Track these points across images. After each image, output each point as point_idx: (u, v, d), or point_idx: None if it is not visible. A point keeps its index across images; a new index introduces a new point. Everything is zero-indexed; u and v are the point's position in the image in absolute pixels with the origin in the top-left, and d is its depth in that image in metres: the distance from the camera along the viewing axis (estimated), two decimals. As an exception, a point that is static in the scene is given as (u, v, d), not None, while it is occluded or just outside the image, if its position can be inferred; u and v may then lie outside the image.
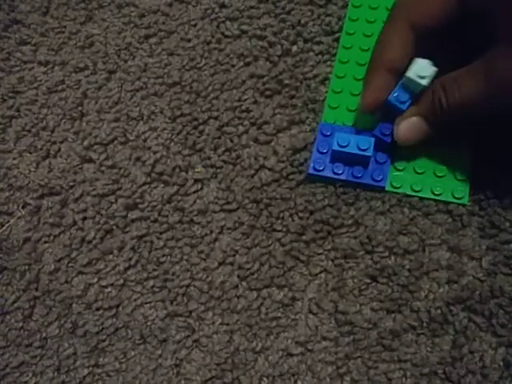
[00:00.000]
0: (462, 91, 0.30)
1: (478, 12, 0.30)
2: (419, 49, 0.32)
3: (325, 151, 0.34)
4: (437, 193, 0.32)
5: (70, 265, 0.35)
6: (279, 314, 0.32)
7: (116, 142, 0.38)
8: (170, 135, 0.37)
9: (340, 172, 0.33)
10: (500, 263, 0.31)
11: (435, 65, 0.31)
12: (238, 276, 0.33)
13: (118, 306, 0.33)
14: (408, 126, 0.32)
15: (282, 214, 0.34)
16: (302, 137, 0.36)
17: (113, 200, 0.36)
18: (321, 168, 0.34)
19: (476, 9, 0.30)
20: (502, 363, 0.29)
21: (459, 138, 0.33)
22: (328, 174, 0.34)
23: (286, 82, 0.37)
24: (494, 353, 0.29)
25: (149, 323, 0.33)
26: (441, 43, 0.32)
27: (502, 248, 0.31)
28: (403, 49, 0.32)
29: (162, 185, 0.36)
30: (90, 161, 0.37)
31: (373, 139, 0.32)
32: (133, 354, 0.32)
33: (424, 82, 0.31)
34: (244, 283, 0.33)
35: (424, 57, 0.31)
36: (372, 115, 0.33)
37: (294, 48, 0.38)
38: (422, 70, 0.31)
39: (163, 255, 0.34)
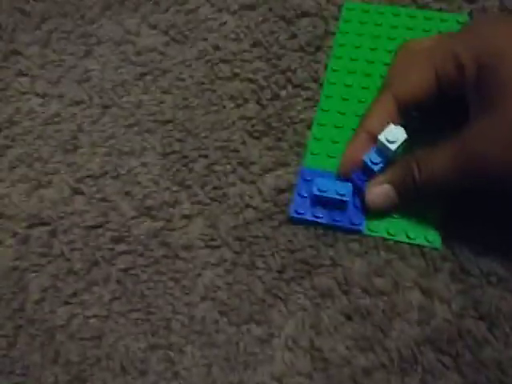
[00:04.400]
0: (435, 166, 0.32)
1: (454, 94, 0.33)
2: (403, 118, 0.35)
3: (305, 195, 0.36)
4: (411, 236, 0.34)
5: (55, 295, 0.36)
6: (257, 349, 0.33)
7: (107, 175, 0.39)
8: (160, 171, 0.39)
9: (320, 216, 0.35)
10: (469, 307, 0.32)
11: (414, 134, 0.33)
12: (219, 311, 0.34)
13: (100, 337, 0.34)
14: (378, 193, 0.34)
15: (264, 253, 0.35)
16: (287, 178, 0.37)
17: (101, 232, 0.37)
18: (302, 211, 0.35)
19: (452, 91, 0.33)
20: (467, 404, 0.30)
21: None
22: (309, 217, 0.35)
23: (274, 124, 0.39)
24: (461, 393, 0.31)
25: (130, 354, 0.34)
26: (424, 116, 0.36)
27: (471, 292, 0.33)
28: (384, 117, 0.34)
29: (149, 219, 0.37)
30: (81, 193, 0.39)
31: (350, 185, 0.34)
32: (121, 384, 0.33)
33: (392, 147, 0.33)
34: (224, 318, 0.34)
35: (407, 127, 0.34)
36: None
37: (283, 92, 0.40)
38: (392, 135, 0.33)
39: (147, 288, 0.35)
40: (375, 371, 0.32)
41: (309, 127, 0.39)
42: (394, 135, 0.33)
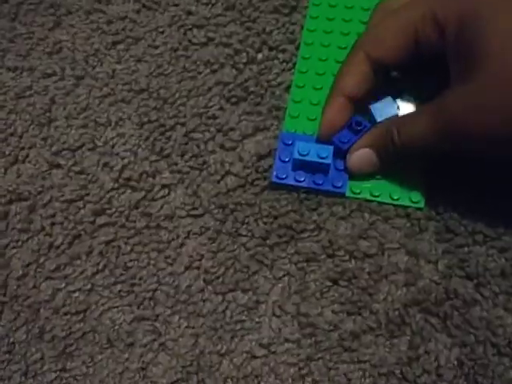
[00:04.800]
0: (414, 130, 0.31)
1: (434, 55, 0.32)
2: (379, 78, 0.34)
3: (286, 160, 0.35)
4: (395, 197, 0.34)
5: (38, 270, 0.35)
6: (243, 317, 0.33)
7: (84, 147, 0.38)
8: (137, 141, 0.38)
9: (302, 179, 0.34)
10: (455, 266, 0.32)
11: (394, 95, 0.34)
12: (204, 280, 0.34)
13: (85, 311, 0.34)
14: (359, 157, 0.33)
15: (247, 219, 0.35)
16: (267, 143, 0.37)
17: (81, 205, 0.36)
18: (283, 176, 0.34)
19: (431, 52, 0.32)
20: (456, 363, 0.30)
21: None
22: (290, 181, 0.34)
23: (252, 89, 0.38)
24: (449, 353, 0.30)
25: (116, 327, 0.33)
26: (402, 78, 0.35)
27: (457, 251, 0.32)
28: (359, 78, 0.33)
29: (129, 190, 0.36)
30: (58, 166, 0.38)
31: (331, 147, 0.33)
32: (100, 357, 0.33)
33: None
34: (210, 287, 0.34)
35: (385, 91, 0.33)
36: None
37: (260, 56, 0.39)
38: (382, 109, 0.33)
39: (130, 260, 0.35)
40: (363, 334, 0.32)
41: (287, 90, 0.38)
42: (384, 109, 0.33)
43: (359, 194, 0.34)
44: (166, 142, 0.37)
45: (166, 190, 0.36)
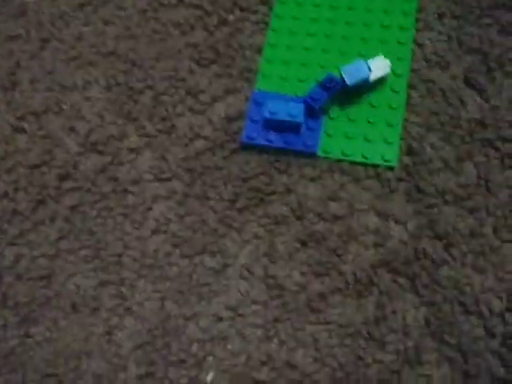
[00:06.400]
0: None
1: None
2: None
3: (257, 119, 0.34)
4: (367, 156, 0.33)
5: (0, 236, 0.34)
6: (211, 280, 0.32)
7: (49, 111, 0.37)
8: (104, 105, 0.37)
9: (272, 139, 0.34)
10: (424, 227, 0.32)
11: None
12: (171, 244, 0.33)
13: (49, 276, 0.33)
14: None
15: (215, 183, 0.34)
16: (238, 106, 0.36)
17: (45, 170, 0.35)
18: (254, 136, 0.34)
19: None
20: (423, 322, 0.30)
21: (392, 103, 0.34)
22: (261, 141, 0.34)
23: (222, 51, 0.37)
24: (416, 312, 0.30)
25: (81, 292, 0.33)
26: None
27: (427, 212, 0.32)
28: None
29: (95, 154, 0.36)
30: (23, 131, 0.37)
31: (302, 105, 0.33)
32: (64, 323, 0.32)
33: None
34: (177, 251, 0.33)
35: None
36: (302, 82, 0.34)
37: (230, 17, 0.38)
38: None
39: (96, 225, 0.34)
40: (331, 295, 0.31)
41: (258, 52, 0.37)
42: (355, 72, 0.33)
43: (331, 153, 0.33)
44: (134, 106, 0.36)
45: (134, 154, 0.35)
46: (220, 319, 0.31)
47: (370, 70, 0.33)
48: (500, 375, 0.28)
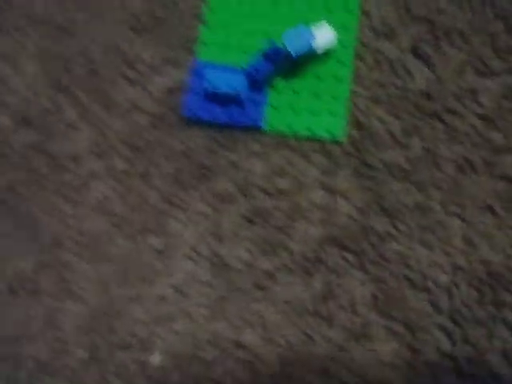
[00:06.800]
0: None
1: None
2: None
3: (200, 92, 0.32)
4: (314, 131, 0.32)
5: None
6: (154, 261, 0.31)
7: (-23, 84, 0.35)
8: (37, 77, 0.34)
9: (216, 113, 0.32)
10: (372, 202, 0.31)
11: None
12: (112, 224, 0.32)
13: (-17, 260, 0.32)
14: None
15: (157, 159, 0.33)
16: (179, 77, 0.34)
17: (-25, 147, 0.33)
18: (196, 109, 0.32)
19: None
20: (370, 298, 0.30)
21: (338, 75, 0.33)
22: (204, 115, 0.32)
23: (162, 17, 0.35)
24: (363, 288, 0.30)
25: (19, 275, 0.31)
26: None
27: (375, 187, 0.32)
28: None
29: (30, 130, 0.33)
30: None
31: (244, 78, 0.31)
32: (1, 307, 0.31)
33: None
34: (118, 231, 0.32)
35: None
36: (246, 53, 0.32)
37: (171, -19, 0.36)
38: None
39: (33, 205, 0.32)
40: (278, 273, 0.31)
41: (201, 20, 0.35)
42: (298, 40, 0.31)
43: (277, 127, 0.32)
44: (69, 78, 0.34)
45: (70, 130, 0.33)
46: (164, 299, 0.30)
47: (313, 37, 0.32)
48: (447, 350, 0.29)
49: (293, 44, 0.31)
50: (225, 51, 0.34)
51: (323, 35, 0.32)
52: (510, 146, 0.31)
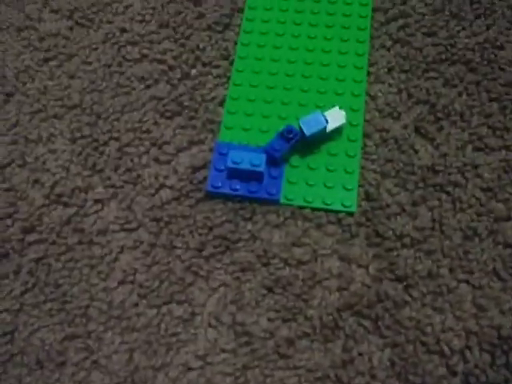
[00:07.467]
0: None
1: None
2: None
3: (222, 169, 0.35)
4: (328, 203, 0.34)
5: (-39, 291, 0.34)
6: (179, 330, 0.32)
7: (13, 164, 0.37)
8: (69, 157, 0.37)
9: (236, 188, 0.35)
10: (385, 269, 0.33)
11: None
12: (138, 294, 0.33)
13: (13, 332, 0.33)
14: None
15: (181, 232, 0.35)
16: (202, 156, 0.37)
17: (9, 223, 0.35)
18: (218, 185, 0.35)
19: None
20: (388, 363, 0.31)
21: (349, 151, 0.36)
22: (225, 190, 0.35)
23: (186, 103, 0.38)
24: (381, 353, 0.31)
25: (46, 347, 0.32)
26: None
27: (387, 255, 0.33)
28: None
29: (60, 206, 0.36)
30: (-15, 184, 0.36)
31: (264, 155, 0.34)
32: (28, 380, 0.31)
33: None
34: (144, 301, 0.33)
35: None
36: (264, 133, 0.36)
37: (193, 71, 0.40)
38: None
39: (61, 277, 0.34)
40: (298, 341, 0.32)
41: (221, 104, 0.38)
42: (312, 123, 0.35)
43: (293, 200, 0.35)
44: (99, 157, 0.37)
45: (99, 205, 0.36)
46: (189, 369, 0.31)
47: (326, 121, 0.35)
48: (463, 412, 0.29)
49: (308, 127, 0.34)
50: (245, 132, 0.37)
51: (335, 117, 0.35)
52: (511, 214, 0.34)
